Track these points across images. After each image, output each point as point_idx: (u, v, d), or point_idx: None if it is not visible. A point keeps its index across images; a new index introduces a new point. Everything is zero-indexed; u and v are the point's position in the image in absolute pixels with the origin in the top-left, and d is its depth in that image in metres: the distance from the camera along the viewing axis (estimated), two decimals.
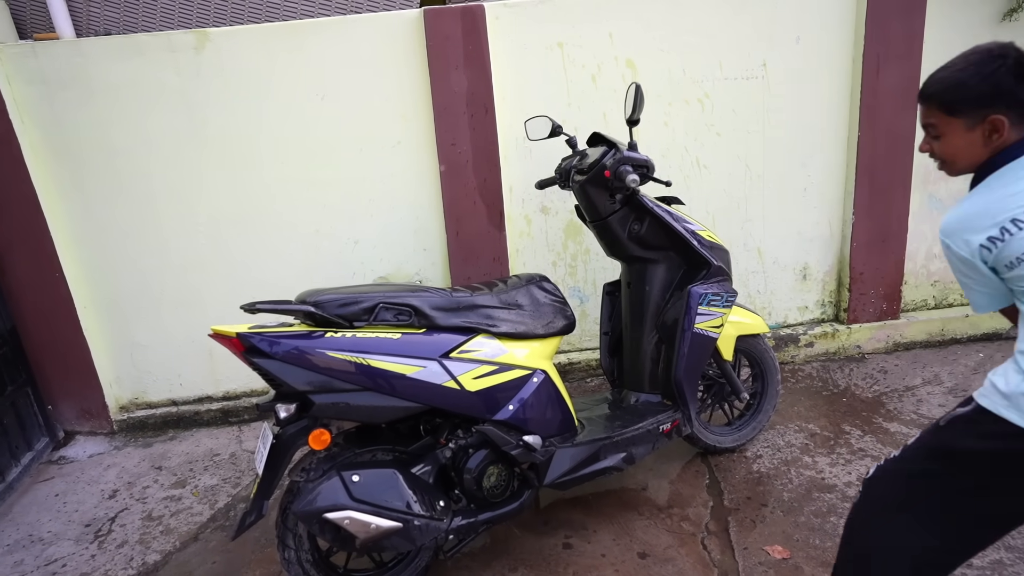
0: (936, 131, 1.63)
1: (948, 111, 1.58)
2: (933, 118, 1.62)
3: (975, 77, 1.53)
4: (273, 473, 2.19)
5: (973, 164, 1.61)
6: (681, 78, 3.64)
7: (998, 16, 3.67)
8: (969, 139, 1.58)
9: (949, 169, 1.67)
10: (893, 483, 1.70)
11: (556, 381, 2.51)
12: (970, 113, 1.55)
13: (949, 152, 1.63)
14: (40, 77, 3.42)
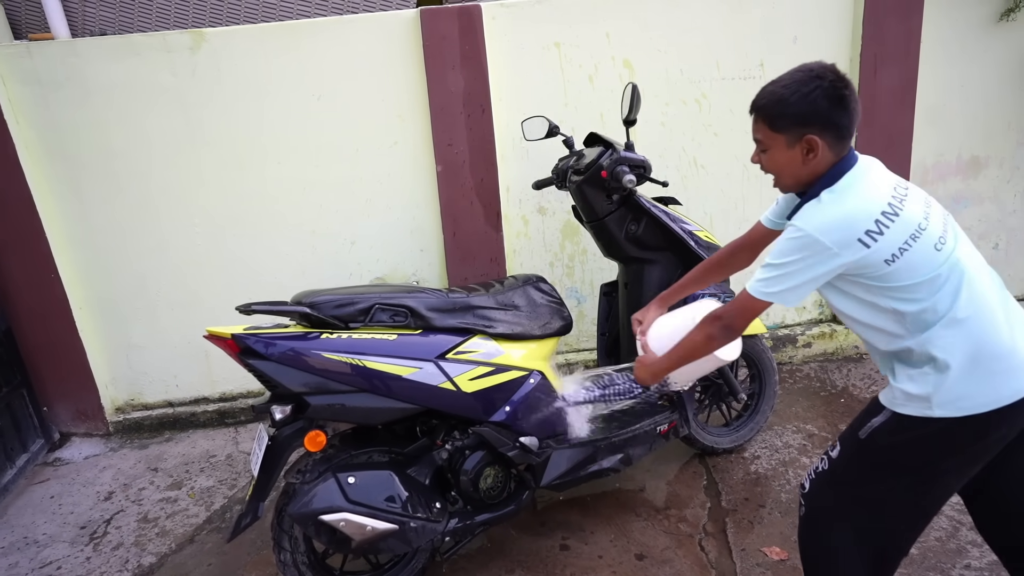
0: (763, 145, 1.71)
1: (771, 126, 1.66)
2: (760, 133, 1.70)
3: (795, 95, 1.60)
4: (269, 475, 2.18)
5: (797, 182, 1.71)
6: (678, 78, 3.64)
7: (995, 16, 3.67)
8: (790, 156, 1.66)
9: (778, 184, 1.77)
10: (833, 496, 1.79)
11: (553, 382, 2.50)
12: (790, 130, 1.63)
13: (774, 167, 1.72)
14: (35, 77, 3.40)
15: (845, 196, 1.61)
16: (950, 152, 3.90)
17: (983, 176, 3.96)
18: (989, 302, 1.61)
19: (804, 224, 1.59)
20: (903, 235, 1.57)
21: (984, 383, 1.57)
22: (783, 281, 1.63)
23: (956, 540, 2.50)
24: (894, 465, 1.69)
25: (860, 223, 1.57)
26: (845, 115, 1.61)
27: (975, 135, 3.88)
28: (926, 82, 3.70)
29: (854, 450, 1.74)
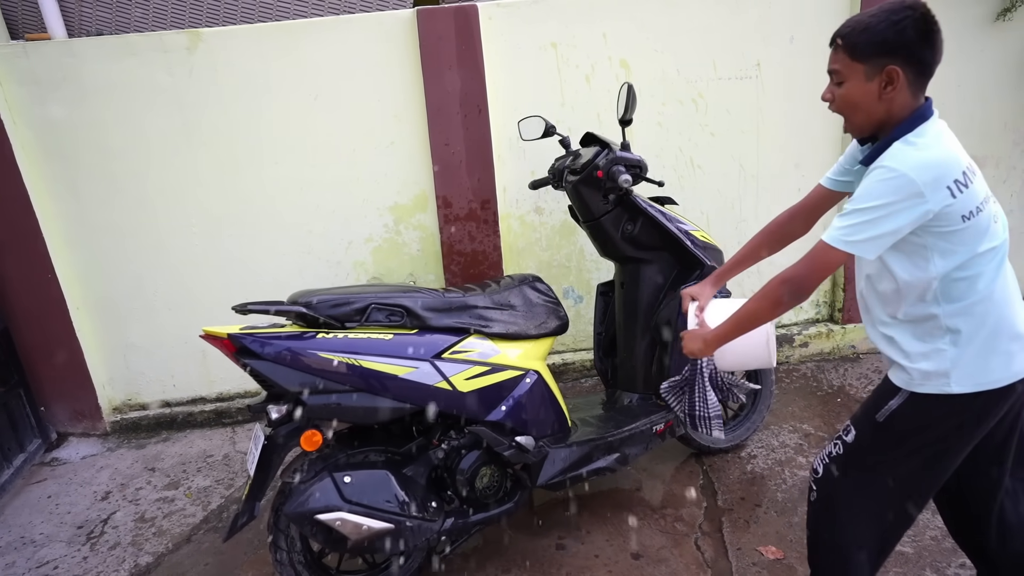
0: (840, 76, 1.65)
1: (851, 54, 1.61)
2: (838, 63, 1.65)
3: (883, 23, 1.56)
4: (265, 474, 2.19)
5: (869, 119, 1.65)
6: (675, 78, 3.64)
7: (991, 16, 3.67)
8: (866, 89, 1.61)
9: (848, 124, 1.71)
10: (849, 479, 1.80)
11: (549, 381, 2.51)
12: (871, 59, 1.58)
13: (849, 100, 1.65)
14: (32, 78, 3.40)
15: (938, 140, 1.59)
16: None
17: None
18: (1013, 284, 1.67)
19: (898, 164, 1.53)
20: (977, 198, 1.57)
21: (999, 359, 1.62)
22: (869, 228, 1.54)
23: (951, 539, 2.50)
24: (912, 445, 1.70)
25: (953, 169, 1.55)
26: (930, 51, 1.58)
27: (972, 135, 3.88)
28: None
29: (872, 433, 1.75)
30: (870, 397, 1.81)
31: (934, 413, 1.66)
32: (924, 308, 1.65)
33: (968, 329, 1.62)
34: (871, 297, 1.76)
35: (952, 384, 1.62)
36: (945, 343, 1.63)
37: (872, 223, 1.54)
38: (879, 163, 1.57)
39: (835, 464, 1.82)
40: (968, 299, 1.61)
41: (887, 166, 1.54)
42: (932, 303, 1.63)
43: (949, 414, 1.65)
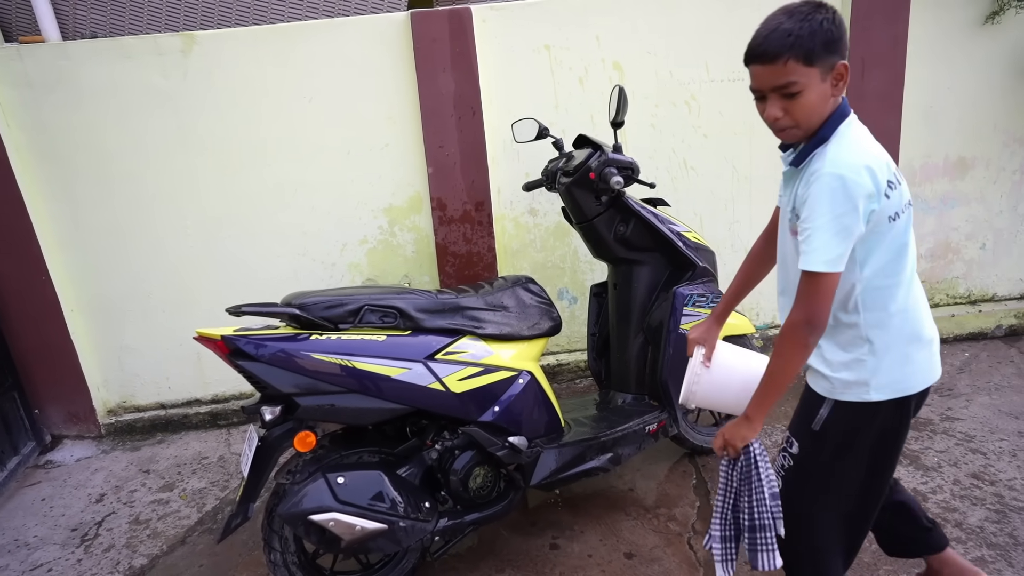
0: (797, 87, 1.55)
1: (806, 61, 1.52)
2: (791, 75, 1.54)
3: (820, 24, 1.51)
4: (259, 476, 2.19)
5: (814, 123, 1.60)
6: (668, 80, 3.66)
7: (980, 19, 3.70)
8: (823, 91, 1.56)
9: (797, 132, 1.62)
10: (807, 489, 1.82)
11: (542, 382, 2.52)
12: (824, 60, 1.53)
13: (808, 107, 1.57)
14: (25, 80, 3.40)
15: (868, 137, 1.60)
16: (937, 153, 3.93)
17: (970, 177, 4.00)
18: (921, 290, 1.72)
19: (842, 169, 1.50)
20: (903, 199, 1.59)
21: (915, 366, 1.67)
22: (841, 241, 1.50)
23: None
24: (851, 448, 1.73)
25: (886, 168, 1.55)
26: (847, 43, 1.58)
27: (962, 136, 3.92)
28: (913, 84, 3.73)
29: (811, 442, 1.78)
30: (800, 406, 1.83)
31: (863, 419, 1.69)
32: (846, 317, 1.66)
33: (886, 338, 1.64)
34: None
35: (872, 392, 1.65)
36: (864, 352, 1.65)
37: (840, 234, 1.50)
38: (821, 169, 1.52)
39: (790, 477, 1.84)
40: (887, 308, 1.63)
41: (832, 173, 1.50)
42: (853, 312, 1.64)
43: (876, 419, 1.69)
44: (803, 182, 1.59)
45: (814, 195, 1.52)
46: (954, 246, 4.13)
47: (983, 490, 2.77)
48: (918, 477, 2.88)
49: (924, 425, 3.26)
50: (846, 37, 1.55)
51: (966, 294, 4.24)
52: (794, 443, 1.82)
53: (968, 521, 2.60)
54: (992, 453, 3.00)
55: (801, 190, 1.58)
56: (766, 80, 1.59)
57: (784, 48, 1.53)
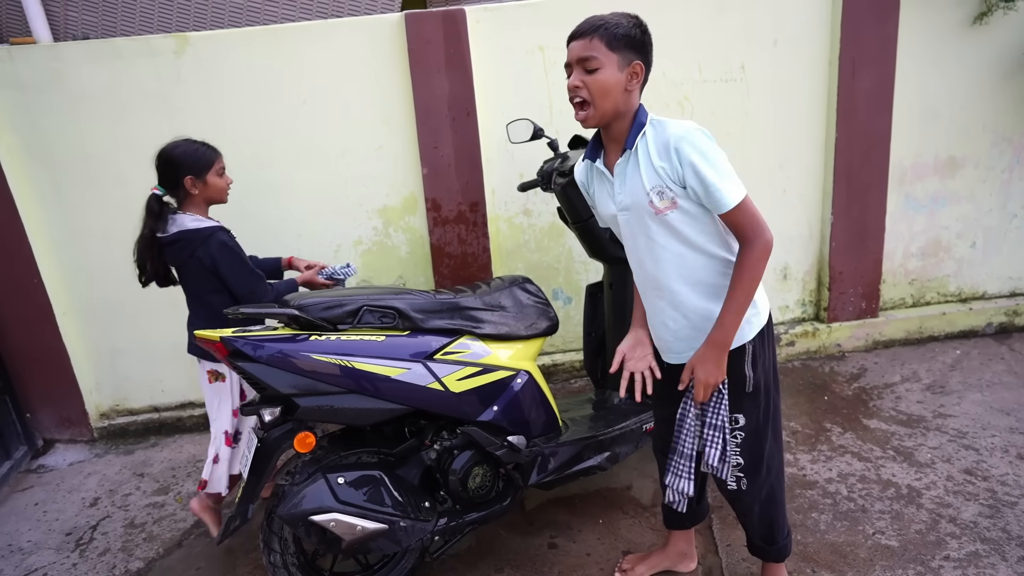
0: (595, 64, 1.78)
1: (609, 44, 1.77)
2: (595, 51, 1.77)
3: (629, 23, 1.79)
4: (258, 477, 2.19)
5: (614, 107, 1.82)
6: (661, 81, 3.68)
7: (969, 20, 3.74)
8: (618, 79, 1.79)
9: (592, 111, 1.82)
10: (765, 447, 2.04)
11: (540, 382, 2.52)
12: (623, 52, 1.78)
13: (604, 86, 1.79)
14: (16, 82, 3.38)
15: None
16: (928, 152, 3.97)
17: (960, 176, 4.04)
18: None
19: (688, 127, 1.74)
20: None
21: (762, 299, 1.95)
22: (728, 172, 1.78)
23: (936, 532, 2.55)
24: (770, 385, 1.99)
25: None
26: (651, 59, 1.84)
27: (952, 136, 3.96)
28: (903, 84, 3.77)
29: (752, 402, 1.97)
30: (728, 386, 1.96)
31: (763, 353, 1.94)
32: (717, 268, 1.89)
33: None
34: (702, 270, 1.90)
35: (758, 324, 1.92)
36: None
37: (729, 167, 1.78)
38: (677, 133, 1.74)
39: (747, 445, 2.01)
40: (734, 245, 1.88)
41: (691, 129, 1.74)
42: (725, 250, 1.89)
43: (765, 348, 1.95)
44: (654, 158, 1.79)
45: (689, 155, 1.73)
46: (944, 244, 4.16)
47: (976, 486, 2.80)
48: (912, 473, 2.91)
49: (917, 422, 3.29)
50: (649, 49, 1.82)
51: (956, 292, 4.27)
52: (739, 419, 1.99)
53: (962, 516, 2.62)
54: (984, 449, 3.03)
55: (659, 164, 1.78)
56: (575, 53, 1.81)
57: (593, 29, 1.78)
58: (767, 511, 2.15)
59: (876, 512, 2.69)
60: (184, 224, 2.53)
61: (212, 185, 2.59)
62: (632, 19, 1.79)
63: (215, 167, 2.59)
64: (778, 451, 2.11)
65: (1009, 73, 3.86)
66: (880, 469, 2.96)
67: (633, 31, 1.78)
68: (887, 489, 2.83)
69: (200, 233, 2.52)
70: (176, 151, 2.55)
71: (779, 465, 2.13)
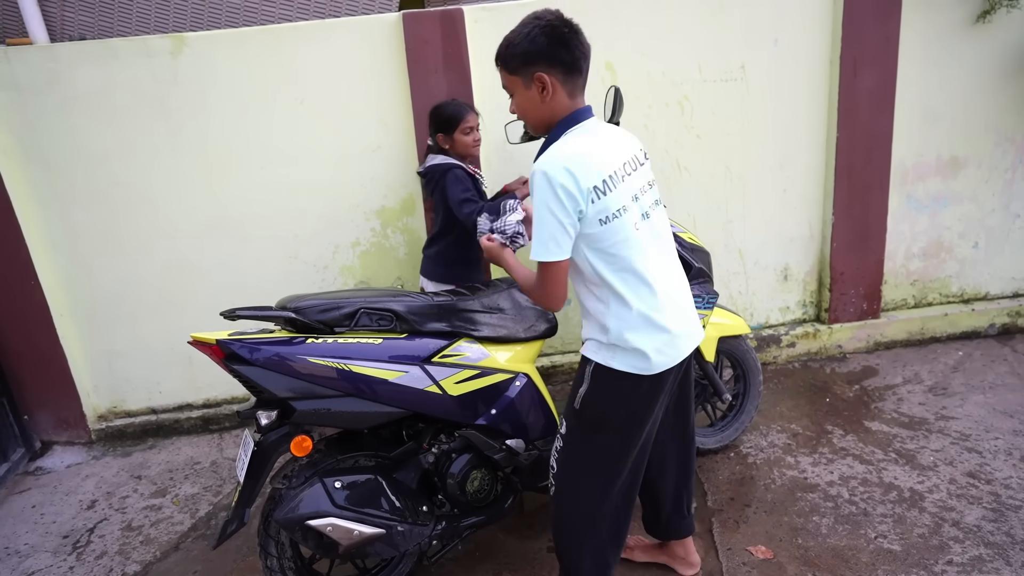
0: (509, 90, 1.85)
1: (508, 70, 1.81)
2: (504, 79, 1.85)
3: (519, 36, 1.77)
4: (255, 481, 2.17)
5: (541, 121, 1.85)
6: (661, 80, 3.66)
7: (971, 18, 3.72)
8: (529, 96, 1.80)
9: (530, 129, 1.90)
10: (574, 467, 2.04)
11: (539, 384, 2.50)
12: (521, 70, 1.78)
13: (519, 109, 1.86)
14: (12, 83, 3.36)
15: (585, 137, 1.77)
16: (929, 153, 3.95)
17: (962, 176, 4.01)
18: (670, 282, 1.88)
19: (549, 166, 1.69)
20: (620, 203, 1.74)
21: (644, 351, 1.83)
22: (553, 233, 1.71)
23: (939, 536, 2.53)
24: (604, 423, 1.94)
25: (598, 169, 1.71)
26: (565, 50, 1.75)
27: (954, 136, 3.93)
28: (905, 84, 3.75)
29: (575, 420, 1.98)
30: (572, 389, 2.01)
31: (609, 391, 1.89)
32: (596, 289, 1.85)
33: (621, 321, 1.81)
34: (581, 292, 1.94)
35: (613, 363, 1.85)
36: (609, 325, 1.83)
37: (551, 228, 1.70)
38: (534, 167, 1.72)
39: (561, 455, 2.04)
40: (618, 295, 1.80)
41: (540, 171, 1.69)
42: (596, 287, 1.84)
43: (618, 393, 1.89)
44: None
45: (533, 191, 1.73)
46: (947, 245, 4.14)
47: (979, 489, 2.78)
48: (914, 476, 2.89)
49: (919, 424, 3.27)
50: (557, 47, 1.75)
51: (959, 293, 4.25)
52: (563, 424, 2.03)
53: (965, 520, 2.60)
54: (988, 452, 3.01)
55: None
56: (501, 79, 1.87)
57: (497, 58, 1.84)
58: (555, 533, 2.14)
59: (878, 516, 2.68)
60: (432, 160, 2.98)
61: (458, 141, 2.96)
62: (528, 27, 1.76)
63: (462, 126, 2.94)
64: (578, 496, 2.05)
65: (1012, 72, 3.84)
66: (882, 472, 2.94)
67: (524, 44, 1.75)
68: (889, 492, 2.81)
69: (439, 168, 2.91)
70: (434, 110, 2.99)
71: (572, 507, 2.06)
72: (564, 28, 1.76)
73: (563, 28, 1.76)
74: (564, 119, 1.81)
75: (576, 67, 1.78)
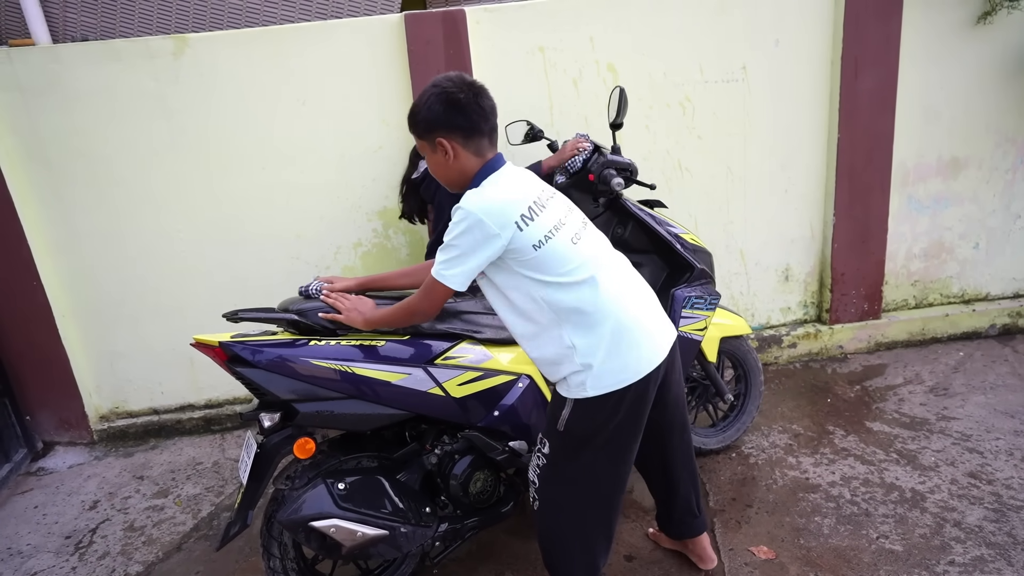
0: (422, 152, 1.92)
1: (416, 134, 1.89)
2: (416, 142, 1.92)
3: (418, 105, 1.84)
4: (257, 482, 2.17)
5: (452, 182, 1.93)
6: (662, 81, 3.66)
7: (972, 19, 3.72)
8: (436, 160, 1.89)
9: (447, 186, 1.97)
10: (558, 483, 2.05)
11: (541, 386, 2.49)
12: (425, 136, 1.86)
13: (433, 169, 1.94)
14: (15, 84, 3.37)
15: (500, 182, 1.85)
16: (930, 153, 3.95)
17: (963, 177, 4.02)
18: (629, 295, 1.92)
19: (468, 205, 1.76)
20: (547, 226, 1.81)
21: (619, 364, 1.86)
22: (456, 264, 1.79)
23: (940, 537, 2.54)
24: (589, 442, 1.95)
25: (516, 205, 1.78)
26: (462, 116, 1.81)
27: (955, 137, 3.94)
28: (906, 84, 3.75)
29: (559, 441, 1.99)
30: (551, 409, 2.03)
31: (592, 412, 1.89)
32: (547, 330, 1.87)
33: (587, 344, 1.84)
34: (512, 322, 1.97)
35: (588, 390, 1.86)
36: (575, 360, 1.86)
37: (458, 259, 1.78)
38: (458, 204, 1.79)
39: (545, 474, 2.05)
40: (576, 318, 1.84)
41: (461, 207, 1.77)
42: (553, 325, 1.86)
43: (602, 413, 1.89)
44: None
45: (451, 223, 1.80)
46: (948, 246, 4.15)
47: (981, 489, 2.78)
48: (915, 477, 2.89)
49: (920, 424, 3.27)
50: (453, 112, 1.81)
51: (960, 293, 4.26)
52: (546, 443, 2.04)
53: (967, 520, 2.61)
54: (989, 452, 3.02)
55: None
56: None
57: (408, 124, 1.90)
58: (543, 547, 2.16)
59: (880, 516, 2.68)
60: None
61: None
62: (426, 94, 1.82)
63: None
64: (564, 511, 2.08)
65: (1013, 73, 3.84)
66: (883, 472, 2.94)
67: (423, 111, 1.82)
68: (891, 493, 2.81)
69: None
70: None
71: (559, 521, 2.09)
72: (459, 94, 1.81)
73: (458, 94, 1.81)
74: (477, 173, 1.88)
75: (476, 129, 1.84)
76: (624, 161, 2.69)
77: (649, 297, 2.02)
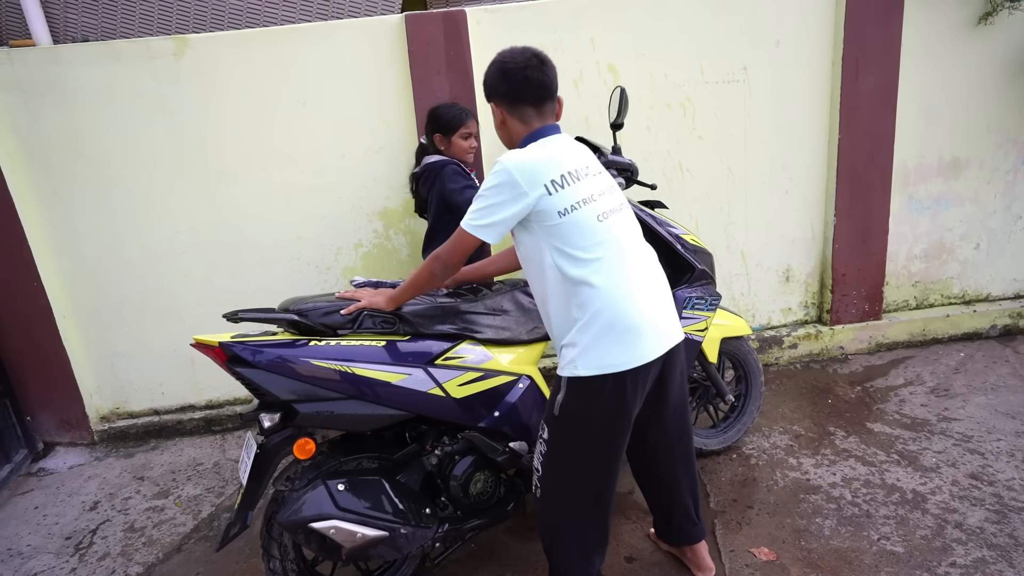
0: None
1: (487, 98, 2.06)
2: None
3: (485, 76, 2.03)
4: (257, 483, 2.17)
5: (504, 144, 2.09)
6: (663, 82, 3.66)
7: (973, 20, 3.72)
8: (495, 122, 2.07)
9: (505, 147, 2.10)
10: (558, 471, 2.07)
11: (542, 386, 2.50)
12: (489, 101, 2.05)
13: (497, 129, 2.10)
14: (16, 84, 3.37)
15: (540, 146, 1.94)
16: (931, 154, 3.95)
17: (964, 177, 4.01)
18: (636, 279, 1.94)
19: (505, 160, 1.88)
20: (577, 196, 1.89)
21: (611, 348, 1.89)
22: (488, 214, 1.89)
23: (941, 538, 2.53)
24: (583, 429, 1.99)
25: (549, 169, 1.88)
26: (506, 84, 1.97)
27: (956, 137, 3.93)
28: (907, 85, 3.75)
29: (555, 426, 2.03)
30: (550, 396, 2.07)
31: (585, 398, 1.94)
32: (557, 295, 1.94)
33: (586, 319, 1.89)
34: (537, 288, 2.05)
35: (579, 368, 1.91)
36: (573, 331, 1.92)
37: (486, 211, 1.89)
38: (498, 159, 1.91)
39: (547, 462, 2.07)
40: (583, 294, 1.88)
41: (499, 161, 1.88)
42: (562, 293, 1.92)
43: (594, 399, 1.93)
44: None
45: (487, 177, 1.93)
46: (948, 246, 4.14)
47: (982, 491, 2.77)
48: (917, 478, 2.89)
49: (921, 425, 3.27)
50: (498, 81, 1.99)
51: (961, 294, 4.25)
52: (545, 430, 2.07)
53: (968, 522, 2.60)
54: (990, 453, 3.01)
55: None
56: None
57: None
58: (543, 534, 2.18)
59: (881, 517, 2.68)
60: (428, 160, 3.05)
61: (455, 145, 3.03)
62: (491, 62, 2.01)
63: (461, 130, 3.01)
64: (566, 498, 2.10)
65: (1014, 74, 3.84)
66: (884, 473, 2.94)
67: (485, 77, 2.03)
68: (892, 494, 2.81)
69: (436, 165, 3.00)
70: (434, 110, 3.05)
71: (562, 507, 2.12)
72: (510, 64, 1.96)
73: (509, 64, 1.96)
74: (524, 139, 2.00)
75: (519, 98, 1.97)
76: (625, 161, 2.69)
77: (663, 295, 2.04)
